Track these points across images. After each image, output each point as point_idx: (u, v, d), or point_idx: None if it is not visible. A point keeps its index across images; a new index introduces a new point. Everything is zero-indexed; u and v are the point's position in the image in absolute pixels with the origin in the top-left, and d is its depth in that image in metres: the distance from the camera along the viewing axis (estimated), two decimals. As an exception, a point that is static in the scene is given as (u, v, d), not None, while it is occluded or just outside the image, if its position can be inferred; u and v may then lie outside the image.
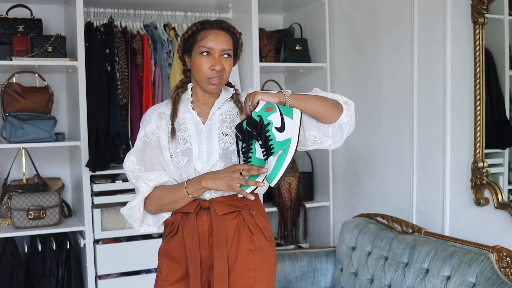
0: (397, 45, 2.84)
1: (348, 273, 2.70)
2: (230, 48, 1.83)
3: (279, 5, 3.65)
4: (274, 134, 1.69)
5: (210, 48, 1.80)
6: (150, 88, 3.18)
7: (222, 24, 1.85)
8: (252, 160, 1.73)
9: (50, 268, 3.01)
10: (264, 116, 1.69)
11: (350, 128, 1.86)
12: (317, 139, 1.84)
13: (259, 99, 1.72)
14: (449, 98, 2.51)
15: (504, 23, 2.32)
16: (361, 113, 3.09)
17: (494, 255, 2.09)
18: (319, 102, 1.78)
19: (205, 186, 1.77)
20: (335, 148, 1.92)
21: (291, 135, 1.71)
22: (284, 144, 1.69)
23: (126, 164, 1.91)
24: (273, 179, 1.67)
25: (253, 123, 1.70)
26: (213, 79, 1.80)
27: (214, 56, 1.80)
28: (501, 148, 2.38)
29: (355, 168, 3.22)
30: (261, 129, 1.69)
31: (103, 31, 3.14)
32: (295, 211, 3.47)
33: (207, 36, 1.81)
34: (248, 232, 1.85)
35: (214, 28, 1.83)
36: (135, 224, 1.96)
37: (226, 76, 1.84)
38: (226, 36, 1.83)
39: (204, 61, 1.80)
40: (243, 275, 1.82)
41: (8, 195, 3.04)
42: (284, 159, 1.68)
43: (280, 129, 1.70)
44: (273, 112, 1.70)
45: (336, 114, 1.81)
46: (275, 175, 1.67)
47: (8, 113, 2.94)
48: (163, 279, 1.88)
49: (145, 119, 1.91)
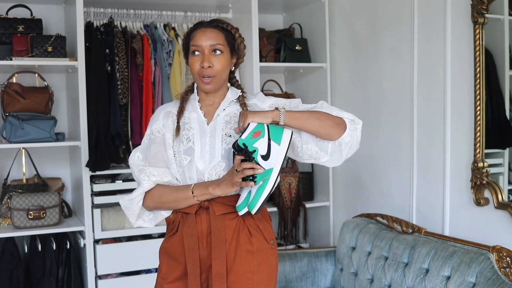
0: (397, 45, 2.84)
1: (348, 273, 2.70)
2: (219, 43, 1.82)
3: (279, 5, 3.65)
4: (258, 162, 1.70)
5: (198, 46, 1.81)
6: (150, 88, 3.18)
7: (213, 22, 1.86)
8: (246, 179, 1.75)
9: (50, 268, 3.01)
10: (250, 144, 1.70)
11: (352, 148, 1.84)
12: (313, 154, 1.83)
13: (250, 122, 1.73)
14: (449, 98, 2.51)
15: (504, 23, 2.32)
16: (361, 113, 3.08)
17: (494, 255, 2.09)
18: (317, 123, 1.77)
19: (212, 193, 1.78)
20: (333, 166, 1.92)
21: (274, 165, 1.71)
22: (265, 175, 1.71)
23: (131, 159, 1.94)
24: (253, 207, 1.73)
25: (239, 149, 1.72)
26: (204, 78, 1.81)
27: (204, 54, 1.81)
28: (501, 148, 2.39)
29: (355, 168, 3.22)
30: (247, 155, 1.71)
31: (103, 31, 3.14)
32: (295, 211, 3.47)
33: (196, 35, 1.83)
34: (247, 234, 1.85)
35: (202, 27, 1.84)
36: (132, 217, 1.94)
37: (220, 75, 1.83)
38: (215, 31, 1.83)
39: (195, 60, 1.82)
40: (241, 277, 1.82)
41: (8, 195, 3.04)
42: (262, 191, 1.71)
43: (265, 157, 1.71)
44: (260, 138, 1.71)
45: (337, 134, 1.80)
46: (254, 204, 1.72)
47: (8, 113, 2.94)
48: (162, 277, 1.88)
49: (153, 118, 1.94)
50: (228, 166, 1.83)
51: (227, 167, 1.83)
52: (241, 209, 1.77)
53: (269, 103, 1.91)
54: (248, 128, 1.72)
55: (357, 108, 3.16)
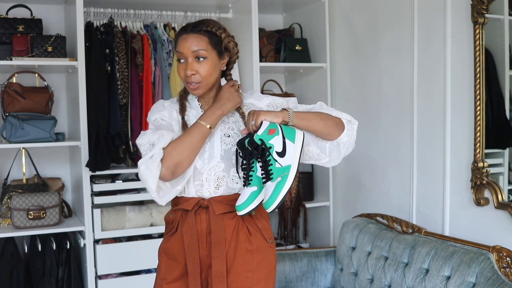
0: (397, 45, 2.84)
1: (348, 273, 2.70)
2: (201, 48, 1.78)
3: (279, 5, 3.65)
4: (275, 159, 1.70)
5: (181, 53, 1.80)
6: (150, 88, 3.18)
7: (197, 26, 1.81)
8: (253, 179, 1.74)
9: (50, 268, 3.01)
10: (266, 140, 1.70)
11: (348, 148, 1.87)
12: (314, 155, 1.86)
13: (262, 120, 1.73)
14: (449, 98, 2.51)
15: (504, 23, 2.32)
16: (361, 113, 3.10)
17: (494, 255, 2.09)
18: (321, 123, 1.80)
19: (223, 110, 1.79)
20: (332, 166, 1.93)
21: (291, 162, 1.72)
22: (284, 171, 1.71)
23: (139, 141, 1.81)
24: (270, 205, 1.69)
25: (254, 145, 1.70)
26: (190, 84, 1.81)
27: (187, 61, 1.79)
28: (501, 148, 2.39)
29: (355, 168, 3.22)
30: (262, 152, 1.70)
31: (103, 31, 3.14)
32: (295, 211, 3.47)
33: (178, 42, 1.82)
34: (246, 233, 1.85)
35: (184, 33, 1.81)
36: (152, 181, 1.71)
37: (206, 80, 1.81)
38: (196, 37, 1.79)
39: (180, 67, 1.81)
40: (241, 276, 1.82)
41: (8, 195, 3.04)
42: (282, 188, 1.69)
43: (281, 154, 1.71)
44: (275, 135, 1.71)
45: (337, 134, 1.84)
46: (272, 202, 1.69)
47: (8, 113, 2.94)
48: (161, 277, 1.88)
49: (156, 108, 1.89)
50: (227, 167, 1.83)
51: (226, 168, 1.83)
52: (242, 209, 1.76)
53: (266, 102, 1.91)
54: (262, 126, 1.72)
55: (357, 108, 3.16)
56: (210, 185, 1.83)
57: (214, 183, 1.83)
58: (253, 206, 1.76)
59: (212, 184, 1.83)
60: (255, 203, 1.76)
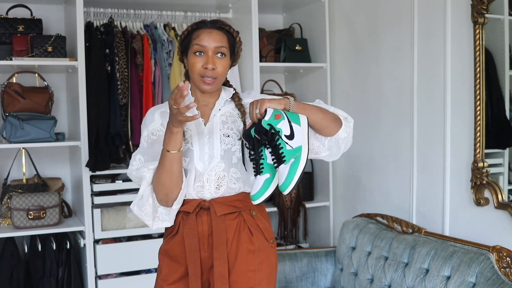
0: (397, 45, 2.84)
1: (348, 273, 2.70)
2: (223, 45, 1.80)
3: (279, 5, 3.65)
4: (285, 141, 1.71)
5: (203, 46, 1.78)
6: (150, 88, 3.18)
7: (217, 23, 1.84)
8: (264, 167, 1.74)
9: (50, 268, 3.01)
10: (274, 124, 1.71)
11: (347, 144, 1.88)
12: (314, 148, 1.86)
13: (266, 107, 1.73)
14: (449, 98, 2.51)
15: (504, 23, 2.32)
16: (361, 113, 3.10)
17: (494, 255, 2.09)
18: (321, 114, 1.80)
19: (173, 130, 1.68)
20: (331, 161, 1.93)
21: (302, 143, 1.73)
22: (296, 152, 1.71)
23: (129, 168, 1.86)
24: (287, 187, 1.69)
25: (262, 131, 1.71)
26: (206, 78, 1.79)
27: (208, 55, 1.79)
28: (501, 148, 2.39)
29: (355, 168, 3.22)
30: (271, 137, 1.70)
31: (103, 31, 3.14)
32: (295, 211, 3.47)
33: (200, 35, 1.80)
34: (248, 233, 1.85)
35: (207, 27, 1.81)
36: (147, 218, 1.85)
37: (221, 77, 1.82)
38: (220, 34, 1.81)
39: (198, 60, 1.79)
40: (243, 276, 1.82)
41: (8, 195, 3.04)
42: (297, 168, 1.70)
43: (290, 137, 1.72)
44: (282, 120, 1.72)
45: (335, 129, 1.83)
46: (289, 183, 1.69)
47: (8, 113, 2.94)
48: (162, 279, 1.88)
49: (146, 120, 1.90)
50: (227, 167, 1.83)
51: (226, 168, 1.83)
52: (258, 197, 1.74)
53: None
54: (267, 113, 1.73)
55: (357, 108, 3.16)
56: (211, 185, 1.83)
57: (215, 184, 1.83)
58: (268, 193, 1.75)
59: (213, 185, 1.83)
60: (270, 190, 1.75)
